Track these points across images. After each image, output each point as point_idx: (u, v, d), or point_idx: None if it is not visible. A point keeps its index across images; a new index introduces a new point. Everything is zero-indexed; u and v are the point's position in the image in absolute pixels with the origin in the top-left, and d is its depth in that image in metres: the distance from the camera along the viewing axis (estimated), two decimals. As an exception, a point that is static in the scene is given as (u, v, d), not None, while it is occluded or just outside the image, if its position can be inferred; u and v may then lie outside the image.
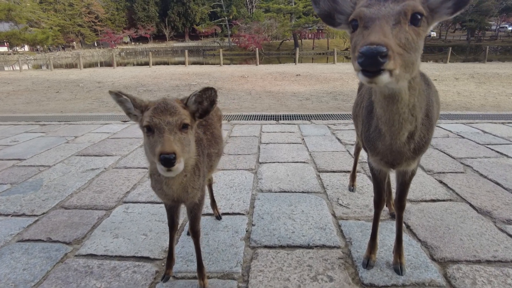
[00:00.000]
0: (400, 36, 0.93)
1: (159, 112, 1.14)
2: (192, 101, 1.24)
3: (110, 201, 2.58)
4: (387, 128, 1.31)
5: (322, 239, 2.01)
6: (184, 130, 1.16)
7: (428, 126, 1.42)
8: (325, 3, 1.18)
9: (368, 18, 0.98)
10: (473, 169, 3.10)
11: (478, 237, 2.01)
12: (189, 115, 1.22)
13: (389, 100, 1.19)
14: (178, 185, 1.35)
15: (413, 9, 0.97)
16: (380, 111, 1.28)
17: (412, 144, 1.39)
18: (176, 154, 1.06)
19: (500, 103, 7.15)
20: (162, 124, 1.12)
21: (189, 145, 1.19)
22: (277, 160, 3.43)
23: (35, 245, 2.01)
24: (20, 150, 3.96)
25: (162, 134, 1.10)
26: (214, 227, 2.17)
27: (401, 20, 0.96)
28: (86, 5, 58.38)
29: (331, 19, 1.19)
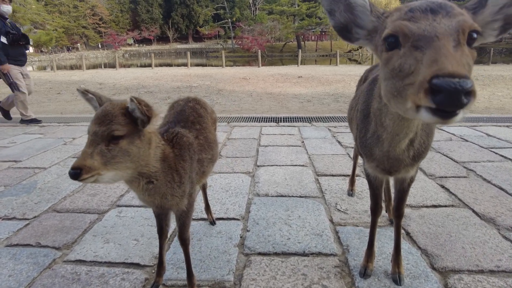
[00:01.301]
0: (463, 62, 0.73)
1: (94, 119, 1.08)
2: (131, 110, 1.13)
3: (103, 205, 2.53)
4: (390, 137, 1.25)
5: (318, 246, 1.94)
6: (114, 142, 1.07)
7: (428, 132, 1.34)
8: (341, 15, 1.03)
9: (420, 36, 0.79)
10: (476, 174, 3.02)
11: (481, 245, 1.94)
12: (128, 124, 1.11)
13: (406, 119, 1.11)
14: (143, 192, 1.29)
15: (470, 27, 0.80)
16: (389, 122, 1.20)
17: (412, 151, 1.31)
18: (83, 169, 1.01)
19: (505, 105, 7.05)
20: (89, 133, 1.07)
21: (126, 155, 1.11)
22: (275, 163, 3.37)
23: (24, 250, 1.96)
24: (17, 151, 3.93)
25: (86, 145, 1.06)
26: (207, 232, 2.11)
27: (460, 41, 0.77)
28: (91, 7, 58.83)
29: (348, 33, 1.05)
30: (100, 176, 1.06)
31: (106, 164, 1.06)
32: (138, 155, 1.16)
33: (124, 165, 1.12)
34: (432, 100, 0.68)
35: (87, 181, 1.04)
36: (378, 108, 1.26)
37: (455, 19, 0.80)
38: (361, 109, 1.50)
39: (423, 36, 0.78)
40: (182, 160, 1.39)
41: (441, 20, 0.80)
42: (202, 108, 1.72)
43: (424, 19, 0.81)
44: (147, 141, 1.20)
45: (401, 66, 0.80)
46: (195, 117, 1.64)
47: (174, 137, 1.42)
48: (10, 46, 5.15)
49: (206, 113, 1.73)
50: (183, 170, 1.38)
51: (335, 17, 1.04)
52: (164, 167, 1.31)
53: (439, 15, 0.81)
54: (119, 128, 1.08)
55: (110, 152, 1.07)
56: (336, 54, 22.16)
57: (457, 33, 0.78)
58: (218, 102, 7.92)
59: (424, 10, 0.82)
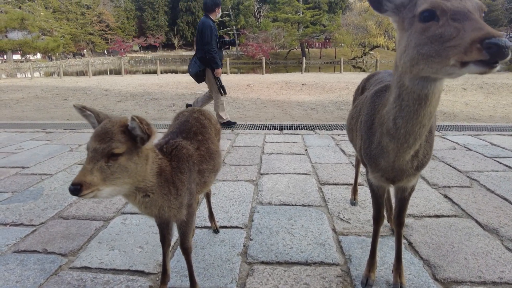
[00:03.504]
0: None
1: (93, 136, 1.12)
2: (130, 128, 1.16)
3: (109, 212, 2.56)
4: (397, 145, 1.28)
5: (321, 256, 1.96)
6: (114, 158, 1.11)
7: (430, 143, 1.39)
8: None
9: (456, 11, 0.96)
10: (480, 183, 3.02)
11: (483, 256, 1.94)
12: (127, 141, 1.14)
13: (421, 101, 1.15)
14: (139, 205, 1.33)
15: (483, 8, 1.01)
16: (400, 121, 1.22)
17: (416, 161, 1.36)
18: (84, 185, 1.05)
19: (510, 114, 7.03)
20: (89, 150, 1.10)
21: (124, 171, 1.14)
22: (278, 171, 3.39)
23: (31, 256, 2.00)
24: (24, 157, 3.99)
25: (85, 161, 1.10)
26: (211, 241, 2.13)
27: (481, 15, 0.99)
28: (98, 14, 59.65)
29: (380, 4, 1.18)
30: (99, 192, 1.09)
31: (105, 180, 1.09)
32: (135, 171, 1.19)
33: (122, 181, 1.15)
34: (487, 53, 0.85)
35: (86, 196, 1.07)
36: (387, 111, 1.29)
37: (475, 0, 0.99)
38: (364, 120, 1.53)
39: (459, 12, 0.95)
40: (180, 173, 1.42)
41: (467, 1, 0.98)
42: (206, 119, 1.76)
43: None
44: (144, 157, 1.23)
45: (442, 33, 0.96)
46: (198, 127, 1.68)
47: (174, 150, 1.45)
48: (218, 49, 5.33)
49: (210, 124, 1.77)
50: (180, 182, 1.41)
51: None
52: (161, 181, 1.35)
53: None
54: (118, 146, 1.11)
55: (110, 169, 1.10)
56: (340, 61, 22.22)
57: (479, 11, 0.98)
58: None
59: None
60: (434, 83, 1.10)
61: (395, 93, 1.22)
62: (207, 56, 5.18)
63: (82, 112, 1.23)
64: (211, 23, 5.20)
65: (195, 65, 5.33)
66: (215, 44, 5.20)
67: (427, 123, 1.20)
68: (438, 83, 1.11)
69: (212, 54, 5.14)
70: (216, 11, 5.29)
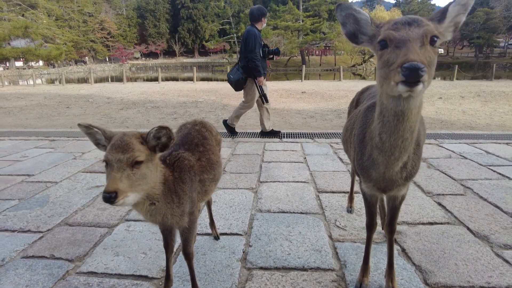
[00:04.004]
0: (426, 55, 1.11)
1: (113, 149, 1.21)
2: (151, 137, 1.30)
3: (113, 219, 2.65)
4: (385, 158, 1.38)
5: (317, 262, 2.04)
6: (137, 166, 1.22)
7: (418, 155, 1.49)
8: (351, 25, 1.37)
9: (399, 40, 1.14)
10: (473, 191, 3.10)
11: (473, 262, 2.02)
12: (145, 150, 1.27)
13: (399, 117, 1.26)
14: (145, 213, 1.42)
15: (431, 33, 1.15)
16: (384, 136, 1.33)
17: (405, 172, 1.46)
18: (118, 192, 1.14)
19: (506, 122, 7.13)
20: (113, 161, 1.19)
21: (144, 178, 1.26)
22: (278, 180, 3.48)
23: (39, 261, 2.08)
24: (29, 165, 4.08)
25: (111, 172, 1.18)
26: (211, 247, 2.22)
27: (424, 42, 1.13)
28: (100, 21, 60.33)
29: (355, 38, 1.38)
30: (127, 198, 1.18)
31: (131, 187, 1.20)
32: (151, 178, 1.31)
33: (143, 187, 1.26)
34: (403, 75, 1.05)
35: (118, 203, 1.15)
36: (374, 127, 1.41)
37: (422, 28, 1.14)
38: (357, 133, 1.64)
39: (401, 40, 1.13)
40: (182, 182, 1.52)
41: (413, 29, 1.15)
42: (207, 131, 1.87)
43: (402, 29, 1.16)
44: (156, 165, 1.35)
45: (389, 59, 1.15)
46: (199, 139, 1.78)
47: (176, 161, 1.55)
48: (262, 59, 5.34)
49: (211, 136, 1.87)
50: (182, 191, 1.51)
51: (347, 27, 1.37)
52: (165, 190, 1.45)
53: (412, 26, 1.16)
54: (140, 154, 1.23)
55: (134, 176, 1.21)
56: (340, 69, 22.41)
57: (423, 38, 1.13)
58: (223, 117, 8.08)
59: (403, 23, 1.18)
60: (407, 101, 1.21)
61: (377, 110, 1.35)
62: (250, 64, 5.18)
63: (88, 129, 1.32)
64: (256, 32, 5.22)
65: (237, 72, 5.33)
66: (258, 52, 5.19)
67: (409, 137, 1.30)
68: (412, 101, 1.22)
69: (255, 62, 5.14)
70: (262, 20, 5.32)
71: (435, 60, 1.16)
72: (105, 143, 1.31)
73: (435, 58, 1.16)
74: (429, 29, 1.14)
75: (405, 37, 1.13)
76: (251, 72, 5.26)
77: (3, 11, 33.50)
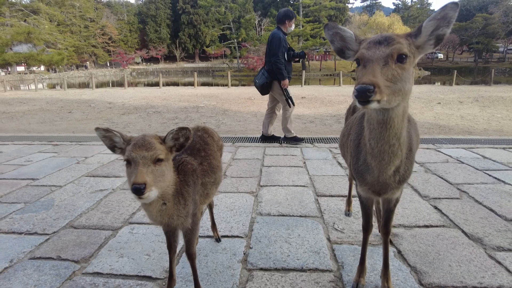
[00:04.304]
0: (387, 73, 1.19)
1: (137, 148, 1.30)
2: (170, 138, 1.41)
3: (117, 222, 2.72)
4: (377, 163, 1.46)
5: (316, 263, 2.11)
6: (158, 163, 1.33)
7: (411, 160, 1.56)
8: (338, 42, 1.47)
9: (366, 59, 1.24)
10: (469, 195, 3.17)
11: (466, 263, 2.09)
12: (164, 149, 1.38)
13: (382, 125, 1.35)
14: (156, 212, 1.49)
15: (398, 52, 1.21)
16: (372, 142, 1.42)
17: (398, 176, 1.53)
18: (146, 184, 1.23)
19: (504, 127, 7.21)
20: (138, 158, 1.28)
21: (163, 175, 1.35)
22: (277, 184, 3.55)
23: (46, 262, 2.15)
24: (33, 170, 4.16)
25: (137, 166, 1.27)
26: (213, 249, 2.29)
27: (389, 61, 1.21)
28: (101, 27, 60.71)
29: (343, 54, 1.48)
30: (151, 192, 1.27)
31: (155, 181, 1.29)
32: (168, 176, 1.42)
33: (162, 184, 1.36)
34: (355, 96, 1.14)
35: (145, 196, 1.23)
36: (365, 133, 1.50)
37: (390, 47, 1.21)
38: (353, 139, 1.72)
39: (367, 60, 1.23)
40: (186, 185, 1.60)
41: (381, 49, 1.22)
42: (209, 136, 1.95)
43: (373, 48, 1.24)
44: (171, 164, 1.46)
45: (358, 76, 1.23)
46: (201, 144, 1.87)
47: (180, 165, 1.63)
48: (287, 62, 5.32)
49: (212, 141, 1.95)
50: (187, 193, 1.59)
51: (335, 44, 1.49)
52: (173, 191, 1.53)
53: (382, 44, 1.23)
54: (161, 153, 1.34)
55: (157, 172, 1.32)
56: (340, 74, 22.55)
57: (387, 57, 1.20)
58: (224, 123, 8.18)
59: (375, 42, 1.26)
60: (386, 111, 1.30)
61: (366, 118, 1.45)
62: (274, 67, 5.16)
63: (106, 133, 1.40)
64: (281, 35, 5.16)
65: (262, 76, 5.33)
66: (282, 55, 5.13)
67: (395, 143, 1.39)
68: (390, 112, 1.31)
69: (278, 65, 5.11)
70: (286, 23, 5.24)
71: (406, 75, 1.22)
72: (122, 146, 1.40)
73: (403, 74, 1.21)
74: (396, 48, 1.21)
75: (371, 57, 1.21)
76: (276, 75, 5.24)
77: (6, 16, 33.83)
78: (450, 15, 1.23)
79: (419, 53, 1.32)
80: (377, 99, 1.12)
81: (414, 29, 1.32)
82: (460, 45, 62.65)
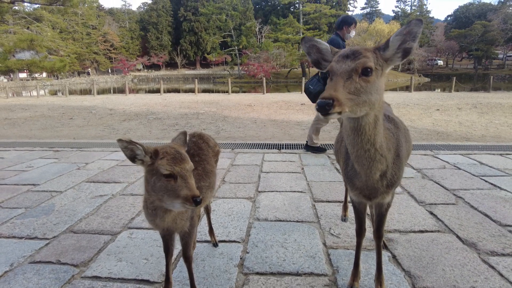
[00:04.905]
0: (350, 86, 1.23)
1: (178, 162, 1.37)
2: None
3: (116, 227, 2.76)
4: (359, 167, 1.49)
5: (311, 267, 2.14)
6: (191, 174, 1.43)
7: (399, 165, 1.60)
8: (314, 54, 1.53)
9: (333, 72, 1.29)
10: (464, 201, 3.20)
11: (460, 267, 2.12)
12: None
13: (354, 132, 1.39)
14: (162, 214, 1.53)
15: (363, 66, 1.26)
16: (349, 147, 1.47)
17: (385, 181, 1.57)
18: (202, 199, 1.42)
19: (501, 133, 7.25)
20: (184, 171, 1.35)
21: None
22: (275, 189, 3.59)
23: (46, 266, 2.18)
24: (34, 175, 4.21)
25: (187, 180, 1.34)
26: (210, 253, 2.32)
27: (353, 75, 1.25)
28: (103, 34, 61.35)
29: (320, 65, 1.53)
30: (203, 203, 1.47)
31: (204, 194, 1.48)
32: None
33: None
34: (316, 109, 1.16)
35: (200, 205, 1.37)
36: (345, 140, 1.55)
37: (356, 61, 1.26)
38: (344, 145, 1.76)
39: (334, 73, 1.28)
40: None
41: (347, 62, 1.27)
42: (204, 142, 2.01)
43: (341, 61, 1.29)
44: None
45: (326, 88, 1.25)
46: (195, 150, 1.93)
47: None
48: None
49: (207, 147, 2.01)
50: None
51: (311, 56, 1.54)
52: None
53: (348, 58, 1.28)
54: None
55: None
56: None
57: (352, 71, 1.25)
58: (223, 129, 8.25)
59: (344, 56, 1.30)
60: (356, 119, 1.34)
61: (343, 125, 1.49)
62: None
63: (128, 145, 1.38)
64: (340, 41, 4.96)
65: (318, 83, 5.05)
66: None
67: (370, 148, 1.42)
68: (361, 119, 1.34)
69: None
70: (344, 29, 5.03)
71: (371, 87, 1.27)
72: (144, 158, 1.40)
73: (368, 86, 1.26)
74: (361, 62, 1.25)
75: (337, 70, 1.26)
76: None
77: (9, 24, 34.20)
78: (415, 31, 1.29)
79: (388, 65, 1.37)
80: (336, 111, 1.16)
81: (383, 43, 1.37)
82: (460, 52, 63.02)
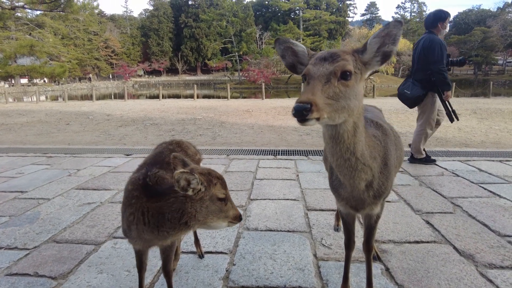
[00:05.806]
0: (329, 91, 1.15)
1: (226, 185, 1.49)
2: None
3: (101, 236, 2.66)
4: (342, 177, 1.40)
5: (299, 281, 2.04)
6: None
7: (386, 175, 1.50)
8: (290, 57, 1.44)
9: (310, 76, 1.20)
10: (462, 210, 3.10)
11: (456, 281, 2.01)
12: None
13: (333, 140, 1.30)
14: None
15: (342, 69, 1.18)
16: (329, 156, 1.38)
17: (371, 191, 1.47)
18: None
19: (501, 139, 7.16)
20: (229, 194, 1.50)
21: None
22: (268, 197, 3.49)
23: (22, 279, 2.09)
24: (24, 182, 4.12)
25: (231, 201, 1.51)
26: (195, 265, 2.22)
27: (331, 78, 1.17)
28: (104, 40, 61.72)
29: (295, 69, 1.45)
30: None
31: None
32: None
33: None
34: (293, 114, 1.08)
35: None
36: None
37: (334, 65, 1.18)
38: None
39: (311, 76, 1.20)
40: None
41: (325, 65, 1.19)
42: (182, 150, 1.90)
43: (318, 64, 1.21)
44: None
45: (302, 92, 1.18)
46: None
47: (157, 180, 1.58)
48: None
49: (186, 155, 1.91)
50: None
51: (286, 59, 1.45)
52: None
53: (327, 61, 1.20)
54: None
55: None
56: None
57: (330, 74, 1.17)
58: (220, 135, 8.16)
59: (321, 58, 1.22)
60: (334, 127, 1.26)
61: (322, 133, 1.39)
62: (436, 77, 4.46)
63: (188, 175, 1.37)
64: (442, 41, 4.55)
65: (415, 87, 4.64)
66: (445, 63, 4.54)
67: (351, 157, 1.32)
68: (339, 127, 1.25)
69: (444, 74, 4.44)
70: (439, 25, 4.61)
71: (350, 92, 1.19)
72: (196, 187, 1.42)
73: (347, 91, 1.18)
74: (340, 65, 1.17)
75: (315, 73, 1.18)
76: (435, 86, 4.57)
77: (11, 30, 34.41)
78: (394, 33, 1.22)
79: (367, 70, 1.29)
80: (314, 117, 1.08)
81: (361, 46, 1.30)
82: (460, 58, 63.10)
